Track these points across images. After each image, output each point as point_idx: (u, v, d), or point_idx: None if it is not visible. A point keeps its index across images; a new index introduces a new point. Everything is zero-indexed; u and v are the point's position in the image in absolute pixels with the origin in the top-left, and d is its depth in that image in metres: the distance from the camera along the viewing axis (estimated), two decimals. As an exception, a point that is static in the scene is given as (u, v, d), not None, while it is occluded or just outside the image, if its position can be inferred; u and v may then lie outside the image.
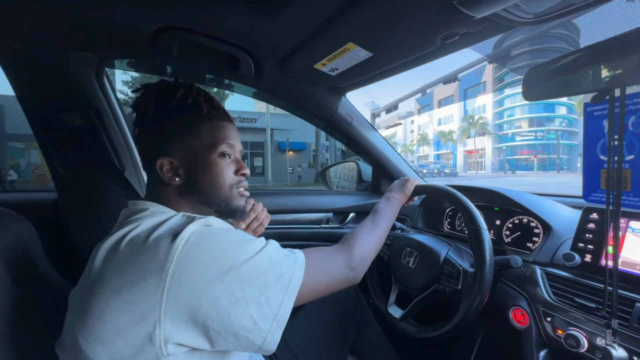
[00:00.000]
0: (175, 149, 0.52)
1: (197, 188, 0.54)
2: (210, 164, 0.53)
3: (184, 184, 0.53)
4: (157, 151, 0.52)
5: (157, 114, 0.52)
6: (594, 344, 0.59)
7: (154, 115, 0.52)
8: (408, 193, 0.82)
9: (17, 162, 9.35)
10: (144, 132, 0.54)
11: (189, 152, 0.53)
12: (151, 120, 0.53)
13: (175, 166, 0.52)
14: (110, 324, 0.39)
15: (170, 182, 0.52)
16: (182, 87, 0.53)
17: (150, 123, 0.53)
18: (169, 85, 0.54)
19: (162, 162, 0.51)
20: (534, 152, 37.68)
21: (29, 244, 0.63)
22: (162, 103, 0.52)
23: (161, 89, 0.54)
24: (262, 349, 0.43)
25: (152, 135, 0.53)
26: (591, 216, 0.71)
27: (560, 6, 0.51)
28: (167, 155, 0.52)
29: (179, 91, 0.52)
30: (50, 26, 0.68)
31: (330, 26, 0.65)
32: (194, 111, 0.53)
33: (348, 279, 0.56)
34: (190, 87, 0.54)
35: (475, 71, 38.22)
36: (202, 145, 0.53)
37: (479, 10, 0.50)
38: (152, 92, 0.54)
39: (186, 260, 0.39)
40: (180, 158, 0.52)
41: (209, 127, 0.54)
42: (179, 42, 0.75)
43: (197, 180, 0.53)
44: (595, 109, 0.53)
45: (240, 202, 0.58)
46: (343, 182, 1.65)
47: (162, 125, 0.52)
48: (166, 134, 0.52)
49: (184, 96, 0.52)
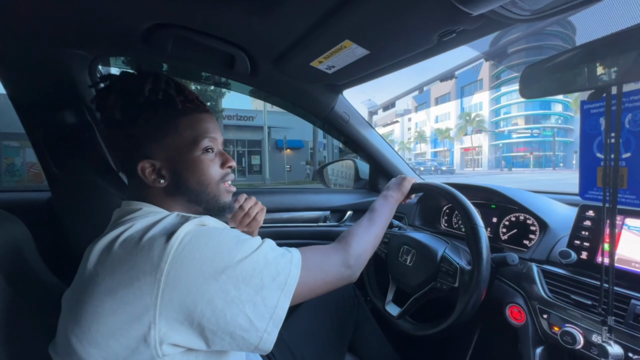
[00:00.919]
0: (155, 150, 0.49)
1: (184, 188, 0.52)
2: (194, 162, 0.51)
3: (171, 185, 0.51)
4: (134, 154, 0.49)
5: (127, 114, 0.48)
6: (590, 340, 0.60)
7: (124, 116, 0.48)
8: (405, 191, 0.82)
9: (12, 161, 9.24)
10: (115, 134, 0.50)
11: (170, 151, 0.50)
12: (122, 121, 0.48)
13: (157, 168, 0.50)
14: (104, 325, 0.38)
15: (155, 185, 0.50)
16: (149, 79, 0.49)
17: (121, 124, 0.49)
18: (132, 77, 0.49)
19: (143, 166, 0.49)
20: (530, 150, 37.90)
21: (23, 244, 0.62)
22: (130, 101, 0.48)
23: (125, 82, 0.49)
24: (258, 348, 0.42)
25: (126, 137, 0.49)
26: (587, 214, 0.72)
27: (557, 3, 0.51)
28: (147, 158, 0.49)
29: (147, 85, 0.48)
30: (42, 23, 0.67)
31: (327, 23, 0.64)
32: (167, 106, 0.49)
33: (345, 277, 0.56)
34: (157, 77, 0.49)
35: (472, 69, 38.24)
36: (183, 144, 0.50)
37: (476, 7, 0.50)
38: (117, 89, 0.49)
39: (181, 260, 0.39)
40: (162, 159, 0.50)
41: (187, 123, 0.51)
42: (174, 39, 0.74)
43: (183, 180, 0.51)
44: (592, 106, 0.53)
45: (227, 199, 0.57)
46: (340, 180, 1.65)
47: (135, 126, 0.48)
48: (141, 135, 0.49)
49: (153, 90, 0.48)
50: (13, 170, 9.14)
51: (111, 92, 0.49)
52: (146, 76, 0.49)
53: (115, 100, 0.48)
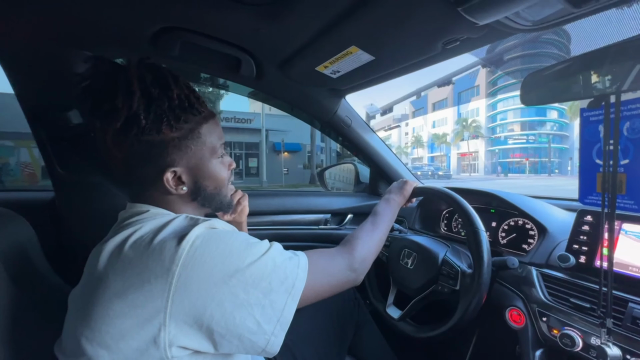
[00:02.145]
0: (177, 157, 0.48)
1: (203, 193, 0.52)
2: (214, 169, 0.52)
3: (190, 192, 0.51)
4: (156, 162, 0.46)
5: (150, 119, 0.44)
6: (589, 343, 0.61)
7: (147, 121, 0.43)
8: (407, 195, 0.83)
9: (7, 161, 9.15)
10: (132, 138, 0.44)
11: (192, 159, 0.49)
12: (144, 127, 0.44)
13: (178, 174, 0.49)
14: (114, 327, 0.38)
15: (178, 192, 0.49)
16: (174, 82, 0.45)
17: (143, 130, 0.44)
18: (156, 82, 0.44)
19: (167, 175, 0.47)
20: (525, 155, 38.23)
21: (28, 243, 0.62)
22: (154, 106, 0.44)
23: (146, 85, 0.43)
24: (265, 351, 0.43)
25: (145, 143, 0.45)
26: (585, 218, 0.73)
27: (558, 15, 0.53)
28: (170, 166, 0.47)
29: (173, 90, 0.45)
30: (51, 24, 0.67)
31: (334, 29, 0.65)
32: (190, 112, 0.48)
33: (350, 280, 0.56)
34: (176, 80, 0.46)
35: (469, 75, 38.67)
36: (205, 151, 0.50)
37: (482, 17, 0.51)
38: (138, 92, 0.43)
39: (192, 263, 0.39)
40: (184, 165, 0.49)
41: (207, 130, 0.50)
42: (181, 43, 0.75)
43: (203, 186, 0.52)
44: (591, 114, 0.54)
45: (230, 197, 0.60)
46: (339, 183, 1.66)
47: (159, 132, 0.45)
48: (165, 142, 0.46)
49: (179, 96, 0.45)
50: (7, 170, 9.04)
51: (133, 95, 0.42)
52: (170, 79, 0.45)
53: (138, 103, 0.43)
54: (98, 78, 0.45)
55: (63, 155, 0.85)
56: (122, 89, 0.42)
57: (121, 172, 0.48)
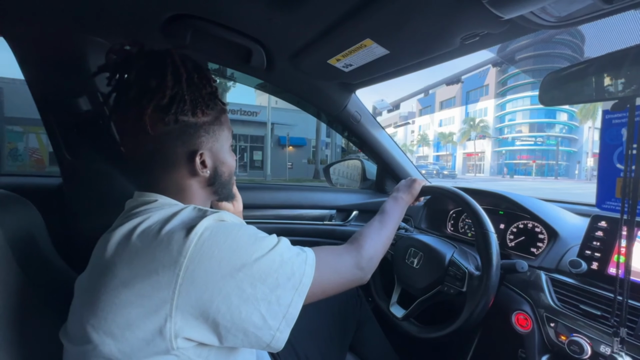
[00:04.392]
0: (205, 140, 0.50)
1: (219, 180, 0.54)
2: (227, 157, 0.55)
3: (210, 177, 0.53)
4: (187, 141, 0.49)
5: (187, 103, 0.47)
6: (598, 351, 0.60)
7: (187, 102, 0.46)
8: (415, 193, 0.82)
9: (15, 146, 9.25)
10: (170, 117, 0.46)
11: (216, 144, 0.52)
12: (184, 108, 0.46)
13: (203, 158, 0.51)
14: (120, 316, 0.38)
15: (202, 174, 0.51)
16: (206, 75, 0.50)
17: (182, 110, 0.46)
18: (196, 69, 0.49)
19: (197, 157, 0.49)
20: (532, 157, 37.82)
21: (35, 228, 0.62)
22: (193, 93, 0.47)
23: (189, 75, 0.47)
24: (270, 346, 0.43)
25: (181, 123, 0.47)
26: (599, 224, 0.71)
27: (586, 11, 0.50)
28: (199, 147, 0.50)
29: (210, 79, 0.50)
30: (62, 10, 0.67)
31: (349, 21, 0.64)
32: (215, 99, 0.51)
33: (357, 278, 0.56)
34: (202, 71, 0.50)
35: (478, 74, 38.20)
36: (225, 137, 0.54)
37: (508, 11, 0.49)
38: (185, 75, 0.46)
39: (200, 256, 0.39)
40: (208, 149, 0.51)
41: (225, 117, 0.54)
42: (192, 31, 0.73)
43: (219, 172, 0.54)
44: (614, 116, 0.53)
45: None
46: (344, 179, 1.65)
47: (194, 115, 0.48)
48: (198, 124, 0.49)
49: (209, 86, 0.50)
50: (16, 155, 9.15)
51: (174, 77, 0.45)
52: (201, 66, 0.50)
53: (179, 89, 0.46)
54: (147, 59, 0.47)
55: (72, 142, 0.85)
56: (171, 69, 0.45)
57: (142, 156, 0.49)
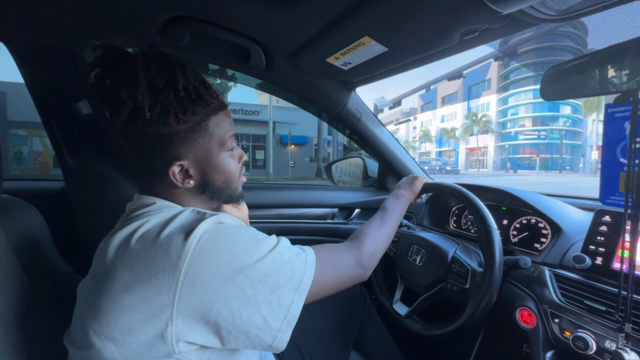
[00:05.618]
0: (183, 150, 0.46)
1: (211, 187, 0.51)
2: (222, 162, 0.51)
3: (198, 185, 0.50)
4: (162, 155, 0.46)
5: (156, 111, 0.42)
6: (603, 347, 0.59)
7: (152, 113, 0.42)
8: (416, 190, 0.81)
9: (19, 150, 9.33)
10: (139, 132, 0.44)
11: (200, 152, 0.48)
12: (150, 119, 0.42)
13: (185, 168, 0.47)
14: (122, 321, 0.38)
15: (185, 186, 0.48)
16: (181, 72, 0.44)
17: (150, 122, 0.43)
18: (162, 72, 0.43)
19: (174, 169, 0.46)
20: (536, 152, 37.48)
21: (39, 233, 0.62)
22: (160, 98, 0.42)
23: (151, 76, 0.42)
24: (272, 347, 0.43)
25: (153, 136, 0.44)
26: (603, 219, 0.71)
27: (586, 4, 0.50)
28: (177, 159, 0.46)
29: (179, 81, 0.43)
30: (61, 13, 0.67)
31: (347, 19, 0.63)
32: (199, 104, 0.46)
33: (357, 276, 0.56)
34: (184, 70, 0.44)
35: (480, 68, 37.85)
36: (213, 144, 0.49)
37: (507, 5, 0.49)
38: (143, 83, 0.41)
39: (199, 259, 0.39)
40: (190, 159, 0.47)
41: (216, 122, 0.48)
42: (191, 32, 0.73)
43: (211, 180, 0.51)
44: (617, 110, 0.52)
45: (240, 188, 0.58)
46: (346, 177, 1.65)
47: (165, 125, 0.43)
48: (171, 135, 0.45)
49: (186, 88, 0.44)
50: (20, 159, 9.23)
51: (139, 87, 0.41)
52: (175, 65, 0.43)
53: (143, 96, 0.41)
54: (105, 67, 0.43)
55: (73, 145, 0.86)
56: (126, 80, 0.41)
57: (129, 163, 0.48)
